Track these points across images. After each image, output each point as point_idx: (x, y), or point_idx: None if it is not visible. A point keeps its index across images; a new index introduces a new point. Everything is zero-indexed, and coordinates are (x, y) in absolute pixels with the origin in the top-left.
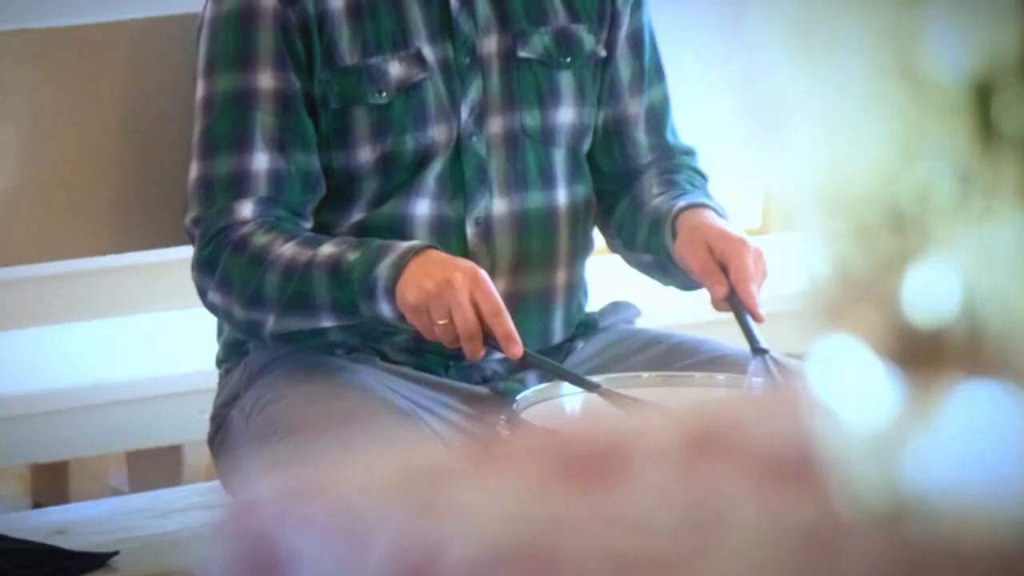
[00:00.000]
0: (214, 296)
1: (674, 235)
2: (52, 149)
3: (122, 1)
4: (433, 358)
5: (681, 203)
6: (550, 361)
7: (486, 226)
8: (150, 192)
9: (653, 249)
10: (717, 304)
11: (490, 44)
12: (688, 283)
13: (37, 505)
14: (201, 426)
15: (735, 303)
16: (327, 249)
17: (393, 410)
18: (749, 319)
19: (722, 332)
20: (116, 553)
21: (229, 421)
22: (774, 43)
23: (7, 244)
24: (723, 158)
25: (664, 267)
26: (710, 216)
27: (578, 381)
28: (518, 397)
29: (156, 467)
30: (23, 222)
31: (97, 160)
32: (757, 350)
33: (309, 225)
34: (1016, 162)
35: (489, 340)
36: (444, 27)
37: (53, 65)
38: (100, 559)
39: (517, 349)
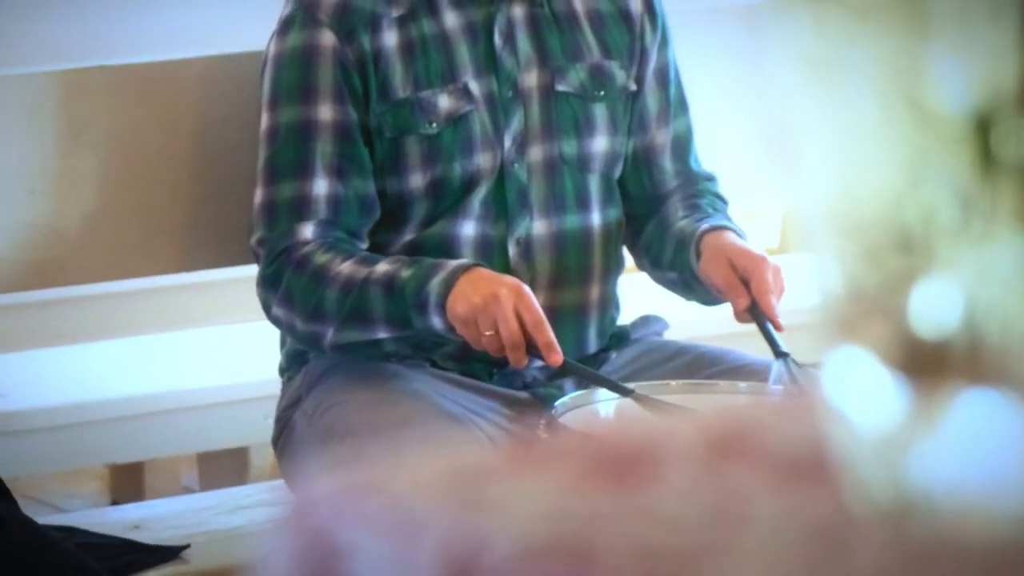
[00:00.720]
0: (278, 310)
1: (698, 255)
2: (128, 176)
3: (192, 40)
4: (479, 366)
5: (704, 226)
6: (587, 368)
7: (527, 246)
8: (218, 215)
9: (678, 267)
10: (739, 315)
11: (531, 79)
12: (709, 299)
13: (115, 502)
14: (266, 429)
15: (756, 314)
16: (382, 267)
17: (442, 414)
18: (770, 327)
19: (743, 344)
20: (187, 546)
21: (291, 424)
22: (790, 77)
23: (87, 263)
24: (743, 183)
25: (688, 284)
26: (731, 237)
27: (612, 387)
28: (556, 403)
29: (224, 467)
30: (102, 242)
31: (169, 185)
32: (779, 353)
33: (365, 245)
34: (1014, 188)
35: (531, 349)
36: (489, 63)
37: (129, 99)
38: (172, 552)
39: (557, 357)
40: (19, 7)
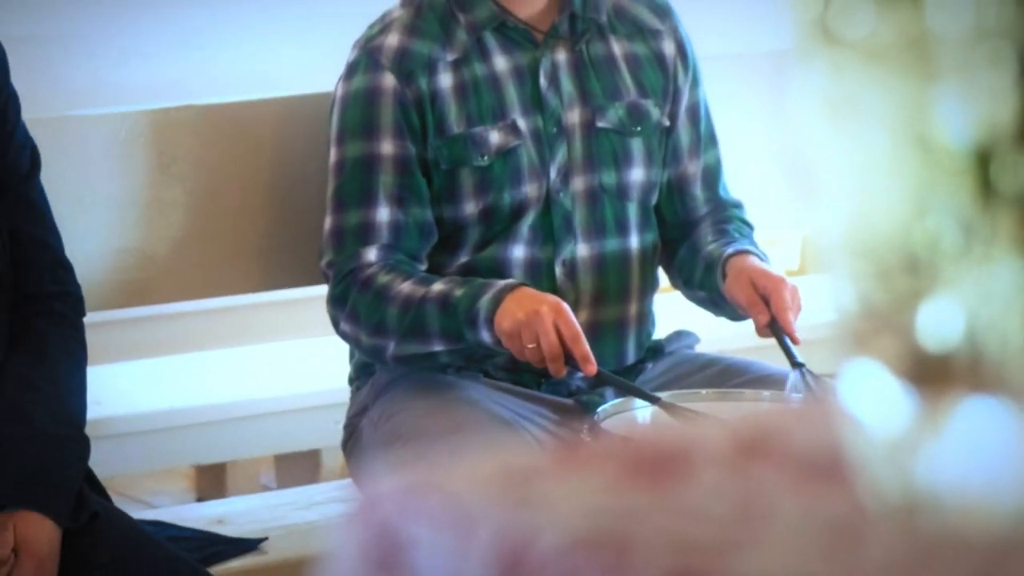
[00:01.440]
0: (345, 326)
1: (724, 275)
2: (212, 205)
3: (268, 82)
4: (528, 375)
5: (729, 250)
6: (621, 379)
7: (571, 267)
8: (292, 239)
9: (707, 287)
10: (760, 331)
11: (573, 116)
12: (736, 315)
13: (200, 499)
14: (336, 434)
15: (776, 328)
16: (438, 287)
17: (494, 419)
18: (788, 341)
19: (766, 356)
20: (265, 539)
21: (359, 430)
22: (810, 115)
23: (175, 283)
24: (767, 210)
25: (716, 302)
26: (754, 260)
27: (642, 395)
28: (598, 409)
29: (299, 468)
30: (188, 265)
31: (248, 213)
32: (795, 364)
33: (424, 266)
34: (1011, 216)
35: (570, 361)
36: (535, 102)
37: (213, 134)
38: (252, 544)
39: (592, 368)
40: (115, 53)
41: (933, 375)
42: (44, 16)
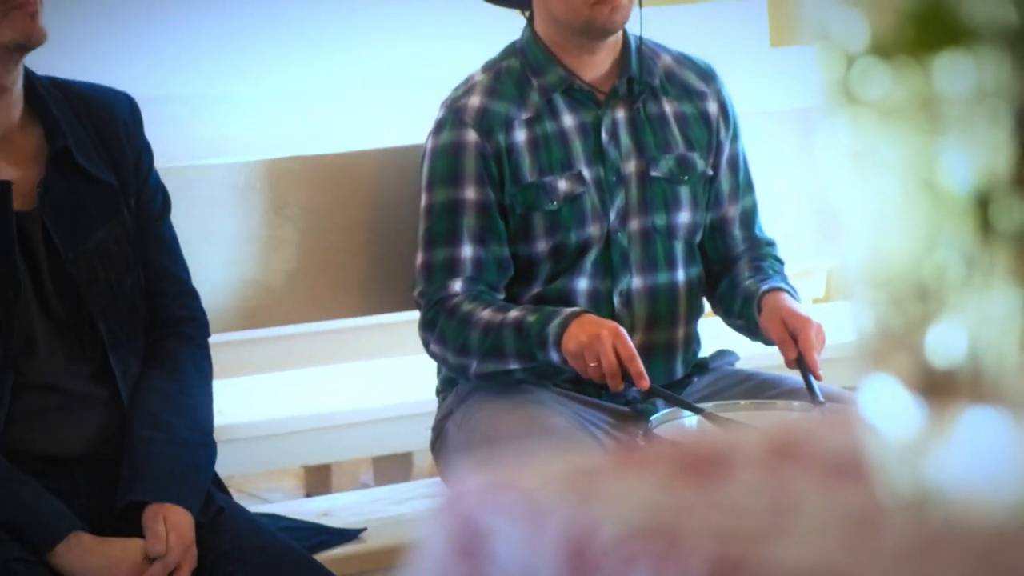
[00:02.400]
0: (434, 347)
1: (759, 310)
2: (320, 242)
3: (367, 135)
4: (590, 387)
5: (764, 287)
6: (670, 392)
7: (628, 297)
8: (388, 272)
9: (745, 318)
10: (788, 364)
11: (630, 166)
12: (769, 341)
13: (308, 495)
14: (425, 438)
15: (802, 365)
16: (513, 314)
17: (562, 425)
18: (811, 378)
19: (795, 372)
20: (364, 529)
21: (445, 434)
22: (834, 164)
23: (287, 309)
24: (797, 246)
25: (752, 330)
26: (785, 298)
27: (690, 407)
28: (651, 417)
29: (393, 467)
30: (299, 293)
31: (351, 249)
32: (816, 402)
33: (502, 296)
34: (1008, 251)
35: (626, 377)
36: (597, 155)
37: (320, 181)
38: (353, 534)
39: (645, 383)
40: (234, 110)
41: (940, 388)
42: (173, 78)
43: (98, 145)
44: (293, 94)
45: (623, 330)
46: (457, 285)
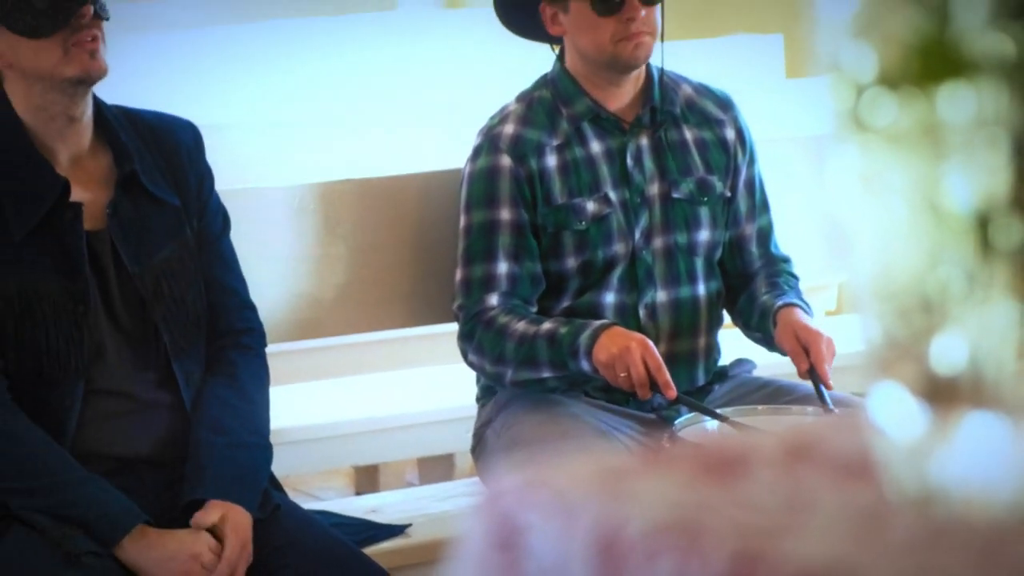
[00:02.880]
0: (472, 357)
1: (775, 324)
2: (368, 258)
3: (411, 160)
4: (619, 395)
5: (779, 303)
6: (694, 400)
7: (652, 310)
8: (431, 287)
9: (761, 330)
10: (801, 375)
11: (653, 189)
12: (783, 352)
13: (358, 493)
14: (466, 441)
15: (813, 376)
16: (546, 326)
17: (593, 430)
18: (823, 388)
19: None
20: (409, 525)
21: (484, 438)
22: (845, 186)
23: (339, 320)
24: (810, 262)
25: (768, 342)
26: (798, 313)
27: (711, 413)
28: (675, 422)
29: (437, 468)
30: (349, 306)
31: (397, 265)
32: (827, 410)
33: (535, 309)
34: (1006, 267)
35: (653, 386)
36: (623, 178)
37: (369, 202)
38: (399, 529)
39: (672, 392)
40: (288, 136)
41: (943, 394)
42: (233, 107)
43: (163, 169)
44: (344, 122)
45: (651, 342)
46: (493, 299)
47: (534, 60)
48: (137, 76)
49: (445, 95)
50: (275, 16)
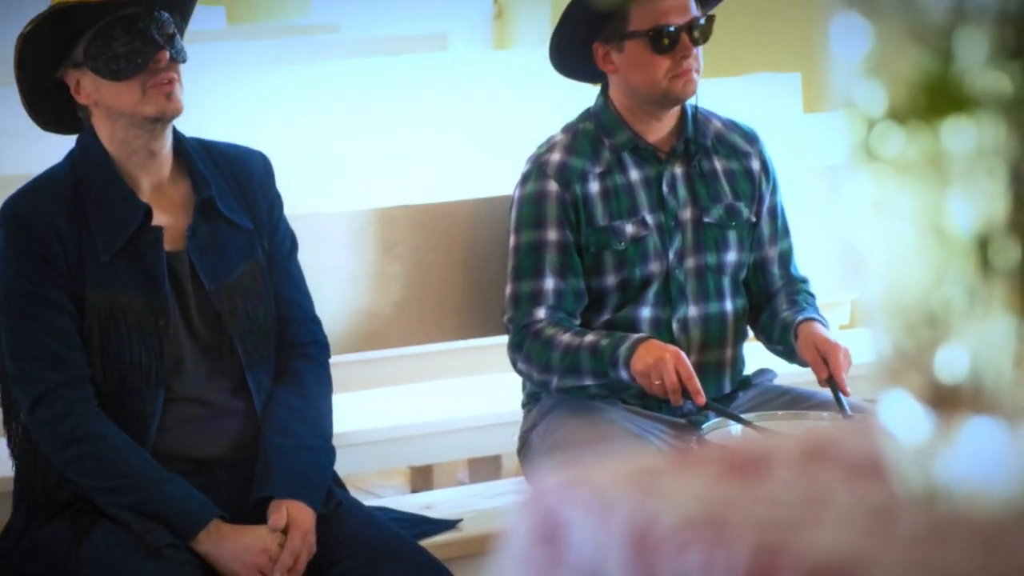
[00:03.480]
0: (521, 365)
1: (795, 337)
2: (423, 276)
3: (462, 186)
4: (653, 401)
5: (799, 318)
6: (721, 406)
7: (684, 323)
8: (482, 302)
9: (783, 344)
10: (820, 383)
11: (686, 213)
12: (803, 363)
13: (414, 491)
14: (513, 443)
15: (832, 384)
16: (588, 338)
17: (628, 433)
18: (840, 395)
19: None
20: (460, 520)
21: (530, 443)
22: (857, 211)
23: (396, 333)
24: (826, 281)
25: (789, 354)
26: (817, 327)
27: (736, 418)
28: (703, 426)
29: (486, 468)
30: (406, 320)
31: (450, 283)
32: (846, 415)
33: (578, 322)
34: (1004, 285)
35: (685, 393)
36: (659, 203)
37: (424, 225)
38: (451, 523)
39: (702, 399)
40: (350, 165)
41: (947, 401)
42: (300, 138)
43: (237, 196)
44: (400, 153)
45: (683, 353)
46: (540, 312)
47: (574, 96)
48: (214, 110)
49: (492, 128)
50: (339, 58)
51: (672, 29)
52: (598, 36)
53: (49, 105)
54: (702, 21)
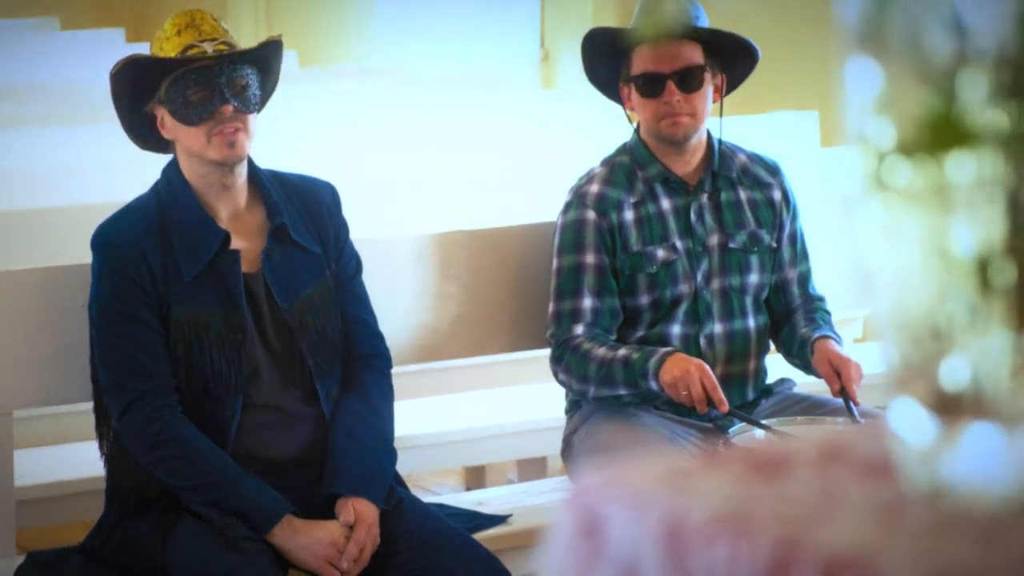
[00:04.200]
0: (561, 376)
1: (812, 352)
2: (477, 295)
3: (514, 213)
4: (683, 409)
5: (816, 335)
6: (743, 413)
7: (711, 339)
8: (529, 318)
9: (801, 358)
10: (834, 394)
11: (712, 239)
12: (819, 375)
13: (468, 489)
14: (557, 446)
15: (844, 394)
16: (622, 352)
17: (661, 437)
18: (852, 405)
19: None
20: (510, 515)
21: (572, 443)
22: (869, 236)
23: (453, 346)
24: (841, 298)
25: (806, 368)
26: (832, 344)
27: (758, 423)
28: (729, 430)
29: (533, 468)
30: (462, 334)
31: (501, 301)
32: (856, 423)
33: (613, 338)
34: (1002, 303)
35: (710, 402)
36: (687, 230)
37: (478, 249)
38: (502, 518)
39: (725, 408)
40: (411, 194)
41: (950, 408)
42: (365, 168)
43: (307, 222)
44: (457, 183)
45: (707, 366)
46: (579, 328)
47: (613, 132)
48: (287, 145)
49: (539, 161)
50: (400, 97)
51: (658, 75)
52: (620, 76)
53: (144, 131)
54: (692, 70)
